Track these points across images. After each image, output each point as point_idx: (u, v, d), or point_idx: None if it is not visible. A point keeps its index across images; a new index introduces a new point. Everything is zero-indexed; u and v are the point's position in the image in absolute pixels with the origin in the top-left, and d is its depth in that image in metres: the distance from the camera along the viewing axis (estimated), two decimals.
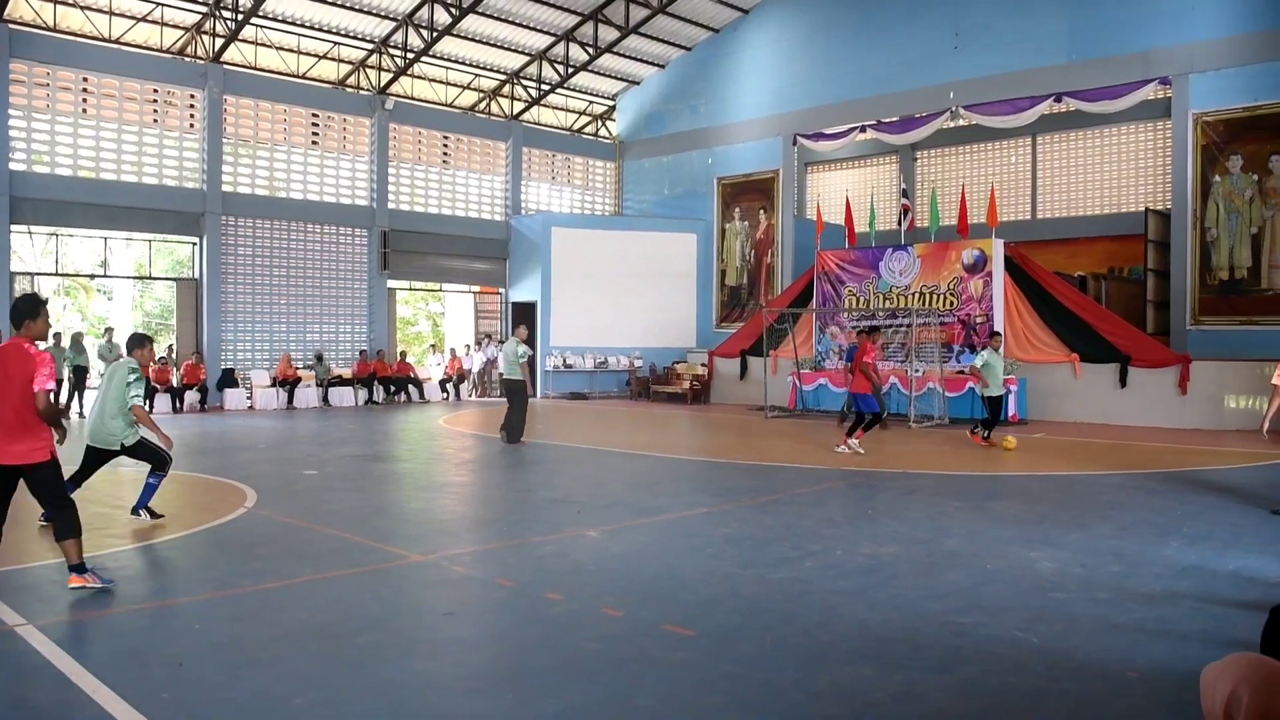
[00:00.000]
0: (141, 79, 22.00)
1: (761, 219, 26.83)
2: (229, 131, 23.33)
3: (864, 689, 4.82)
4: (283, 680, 4.88)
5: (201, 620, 6.00)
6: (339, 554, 7.79)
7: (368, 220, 25.48)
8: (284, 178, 24.51)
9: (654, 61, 28.83)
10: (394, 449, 15.72)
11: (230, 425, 18.88)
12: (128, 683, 4.79)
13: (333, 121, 25.24)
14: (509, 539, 8.38)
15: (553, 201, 30.07)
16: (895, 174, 27.67)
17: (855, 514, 9.52)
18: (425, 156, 27.15)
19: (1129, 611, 6.13)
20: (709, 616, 6.01)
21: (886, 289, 21.11)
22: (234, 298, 23.37)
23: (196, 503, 10.41)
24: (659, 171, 29.69)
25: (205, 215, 22.66)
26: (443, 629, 5.94)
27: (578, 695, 4.70)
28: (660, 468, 13.19)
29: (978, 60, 22.47)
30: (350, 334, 25.43)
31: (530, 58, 27.15)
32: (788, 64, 26.31)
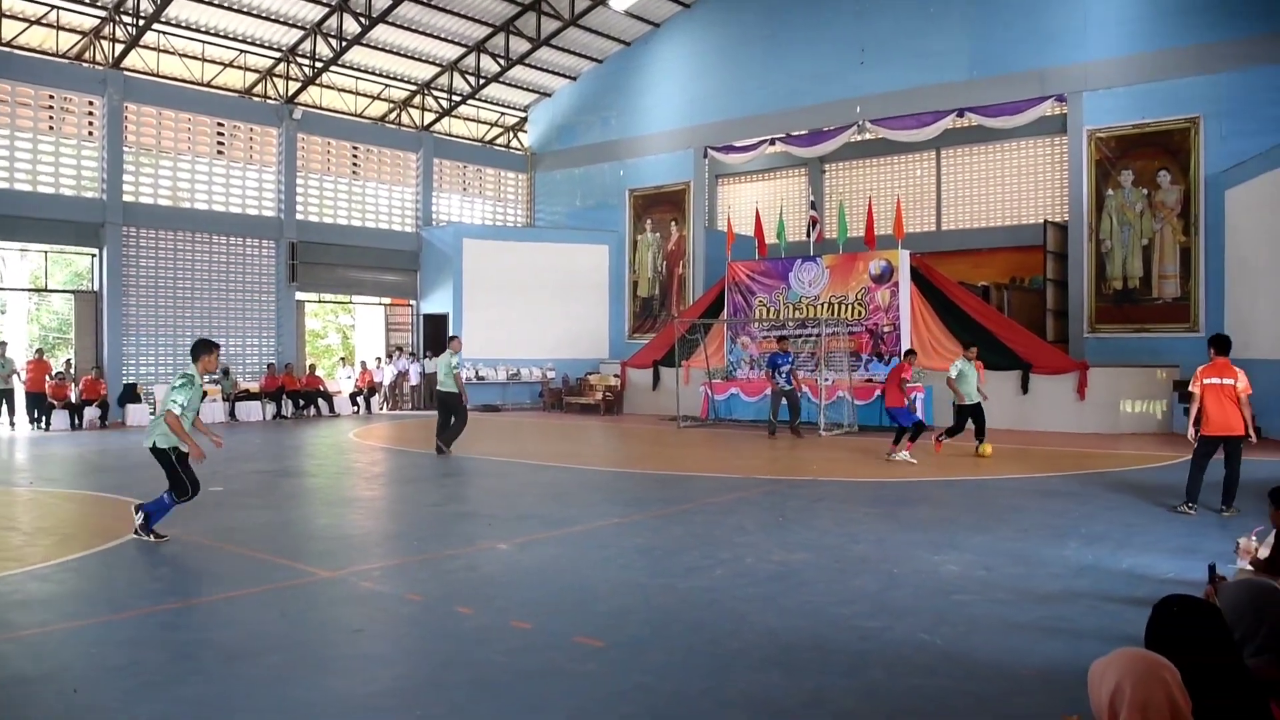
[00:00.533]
0: (36, 84, 21.29)
1: (673, 230, 27.02)
2: (130, 140, 22.71)
3: (773, 696, 4.87)
4: (183, 703, 4.76)
5: (98, 644, 5.81)
6: (244, 572, 7.63)
7: (275, 232, 25.01)
8: (188, 188, 23.92)
9: (565, 74, 28.86)
10: (303, 464, 15.44)
11: (132, 442, 18.33)
12: (18, 711, 4.63)
13: (239, 131, 24.73)
14: (419, 554, 8.30)
15: (464, 213, 29.85)
16: (804, 186, 28.05)
17: (766, 522, 9.62)
18: (334, 167, 26.75)
19: (1028, 611, 6.30)
20: (619, 627, 6.02)
21: (796, 299, 21.40)
22: (136, 311, 22.73)
23: (95, 522, 10.09)
24: (571, 183, 29.71)
25: (105, 226, 22.01)
26: (351, 646, 5.85)
27: (487, 710, 4.67)
28: (572, 479, 13.17)
29: (883, 76, 22.98)
30: (258, 347, 24.92)
31: (441, 68, 26.97)
32: (698, 77, 26.56)
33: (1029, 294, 23.81)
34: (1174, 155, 19.56)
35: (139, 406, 22.08)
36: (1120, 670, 2.48)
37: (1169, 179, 19.61)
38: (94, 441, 18.34)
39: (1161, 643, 2.78)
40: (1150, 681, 2.42)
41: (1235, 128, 18.79)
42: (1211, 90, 19.13)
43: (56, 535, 9.30)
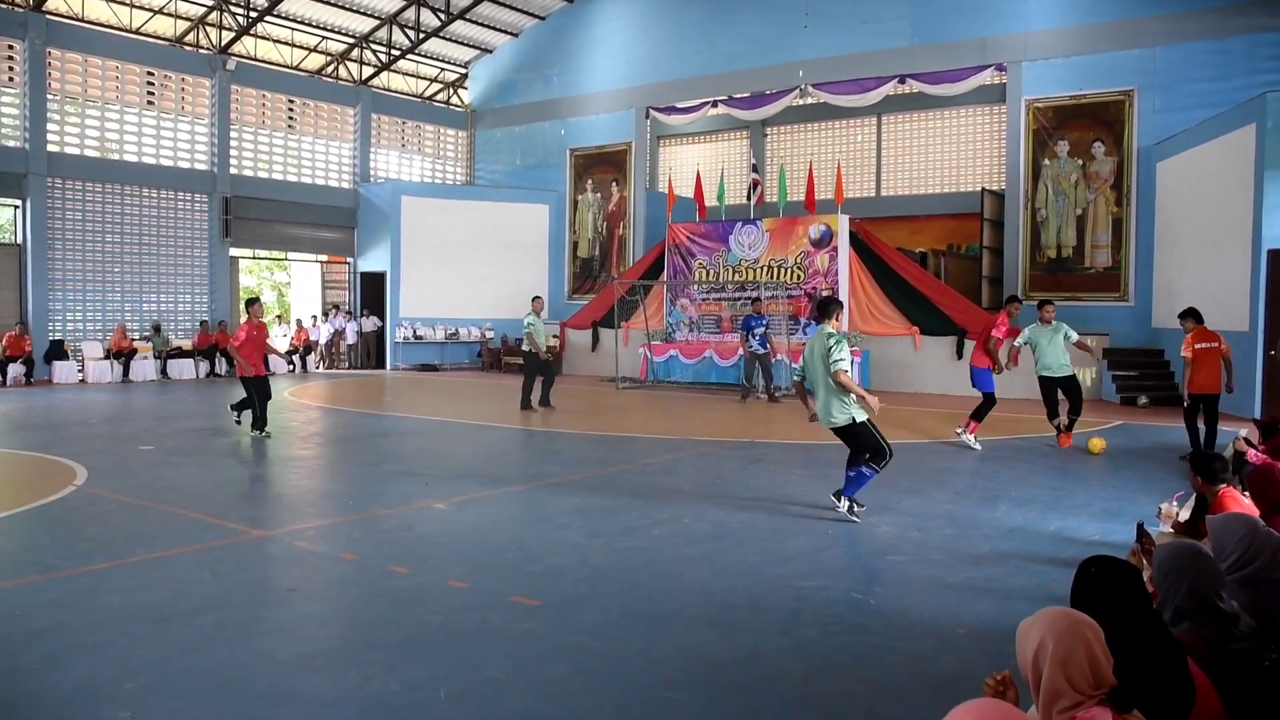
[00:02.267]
0: None
1: (614, 191, 26.87)
2: (54, 87, 21.97)
3: (708, 654, 4.92)
4: (110, 666, 4.69)
5: (22, 606, 5.69)
6: (175, 532, 7.50)
7: (208, 185, 24.43)
8: (116, 139, 23.25)
9: (507, 30, 28.45)
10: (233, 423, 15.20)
11: (60, 400, 17.93)
12: None
13: (170, 81, 24.05)
14: (354, 513, 8.23)
15: (403, 170, 29.42)
16: (746, 149, 28.07)
17: (703, 482, 9.69)
18: (269, 120, 26.16)
19: (959, 572, 6.42)
20: (555, 587, 6.03)
21: (736, 262, 21.44)
22: (63, 265, 22.11)
23: (20, 481, 9.86)
24: (511, 141, 29.39)
25: (29, 176, 21.32)
26: (284, 606, 5.80)
27: (423, 669, 4.66)
28: (510, 439, 13.14)
29: (826, 40, 22.95)
30: (190, 304, 24.40)
31: (380, 21, 26.44)
32: (641, 37, 26.34)
33: (965, 261, 24.11)
34: (1109, 127, 19.85)
35: (67, 364, 21.55)
36: (1044, 628, 2.55)
37: (1103, 150, 19.90)
38: (19, 399, 17.89)
39: (1084, 603, 2.88)
40: (1071, 638, 2.49)
41: (1168, 101, 19.09)
42: (1146, 64, 19.40)
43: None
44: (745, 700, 4.38)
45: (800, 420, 15.32)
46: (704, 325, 21.88)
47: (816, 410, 8.20)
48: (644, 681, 4.57)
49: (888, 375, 19.70)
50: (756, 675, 4.66)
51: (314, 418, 15.69)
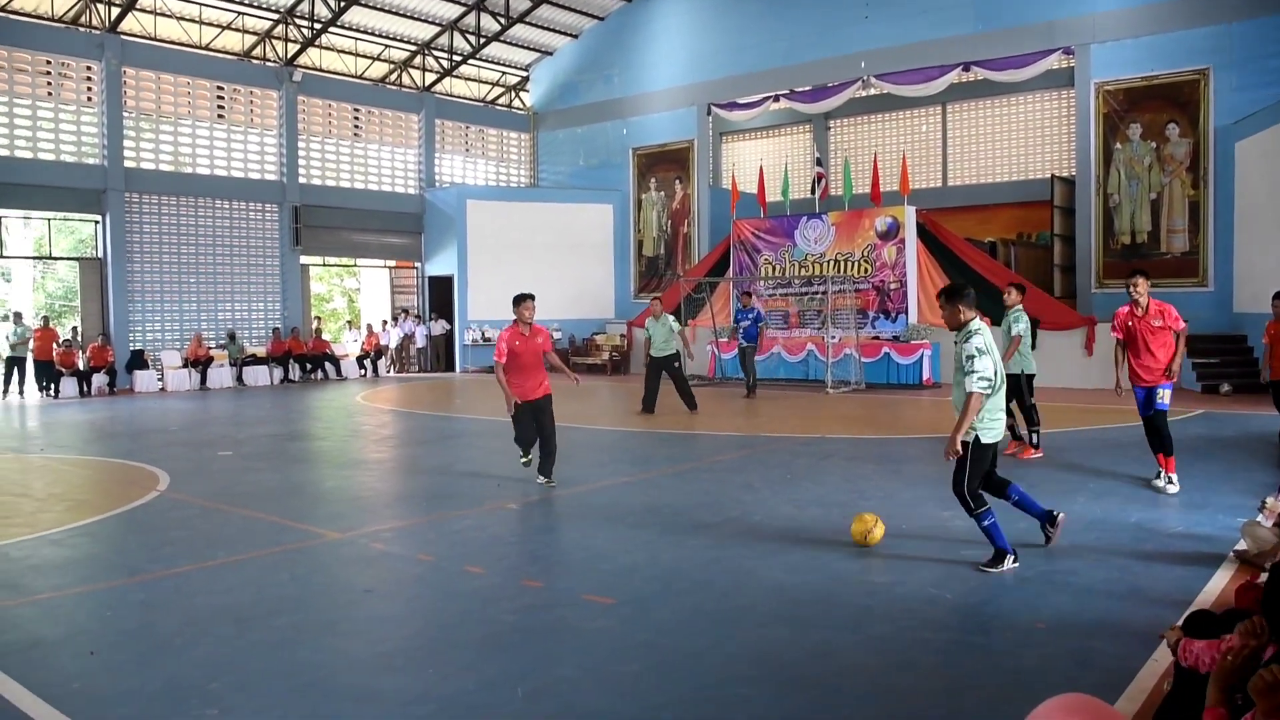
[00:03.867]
0: (33, 49, 21.15)
1: (677, 189, 26.86)
2: (130, 105, 22.58)
3: (779, 650, 4.90)
4: (196, 666, 4.81)
5: (112, 607, 5.87)
6: (254, 535, 7.68)
7: (278, 195, 24.93)
8: (189, 153, 23.82)
9: (567, 31, 28.58)
10: (311, 427, 15.49)
11: (141, 408, 18.42)
12: (35, 674, 4.68)
13: (239, 94, 24.58)
14: (428, 514, 8.33)
15: (467, 174, 29.72)
16: (809, 143, 27.87)
17: (774, 479, 9.64)
18: (336, 129, 26.60)
19: (1036, 565, 6.32)
20: (628, 585, 6.05)
21: (802, 257, 21.32)
22: (141, 277, 22.72)
23: (107, 487, 10.16)
24: (574, 142, 29.52)
25: (108, 192, 21.95)
26: (361, 607, 5.90)
27: (498, 668, 4.71)
28: (580, 439, 13.20)
29: (888, 30, 22.69)
30: (264, 312, 24.92)
31: (441, 28, 26.72)
32: (701, 33, 26.29)
33: (1036, 249, 23.68)
34: (1183, 108, 19.35)
35: (147, 373, 22.15)
36: (1066, 709, 2.46)
37: (1178, 132, 19.41)
38: (103, 408, 18.41)
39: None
40: None
41: (1245, 79, 18.55)
42: (1222, 41, 18.87)
43: (69, 501, 9.36)
44: (818, 696, 4.36)
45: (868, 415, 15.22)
46: (771, 321, 21.78)
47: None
48: (716, 678, 4.57)
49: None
50: (829, 671, 4.64)
51: (386, 421, 15.92)
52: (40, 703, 4.32)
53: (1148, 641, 4.80)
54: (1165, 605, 5.45)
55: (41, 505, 9.10)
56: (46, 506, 9.02)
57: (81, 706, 4.28)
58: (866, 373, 19.38)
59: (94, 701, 4.38)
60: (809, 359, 20.22)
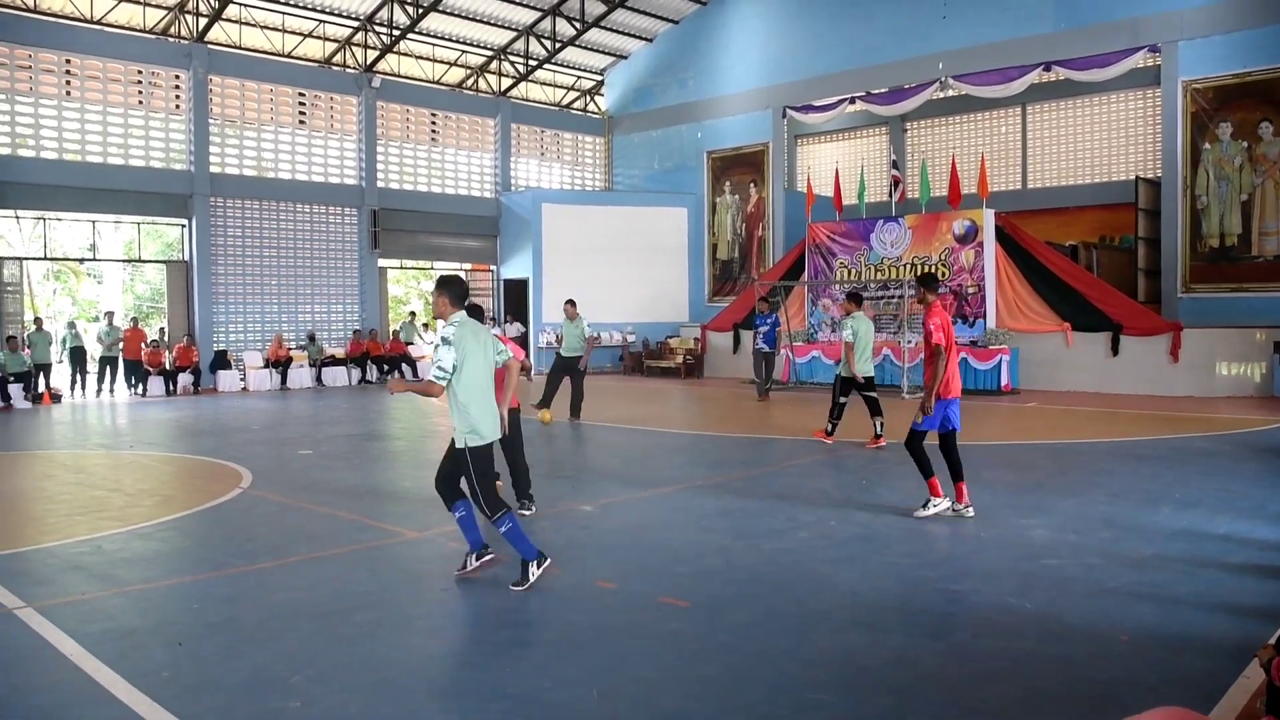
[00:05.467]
0: (125, 60, 21.81)
1: (752, 192, 26.78)
2: (215, 112, 23.17)
3: (857, 656, 4.86)
4: (279, 658, 4.91)
5: (199, 600, 6.03)
6: (334, 532, 7.82)
7: (357, 199, 25.38)
8: (272, 158, 24.37)
9: (641, 35, 28.68)
10: (388, 427, 15.72)
11: (224, 407, 18.86)
12: (128, 663, 4.82)
13: (319, 100, 25.08)
14: None
15: (542, 178, 29.96)
16: (885, 145, 27.60)
17: (849, 484, 9.57)
18: (414, 134, 27.01)
19: (1120, 576, 6.18)
20: (703, 588, 6.05)
21: (878, 260, 21.11)
22: (225, 279, 23.29)
23: (193, 484, 10.42)
24: (648, 146, 29.59)
25: (194, 197, 22.55)
26: (438, 605, 5.97)
27: (573, 668, 4.74)
28: (654, 442, 13.22)
29: (966, 30, 22.37)
30: (343, 314, 25.38)
31: (517, 33, 26.97)
32: (776, 36, 26.18)
33: (1119, 253, 23.15)
34: (1277, 105, 18.77)
35: (230, 373, 22.68)
36: None
37: (1271, 131, 18.82)
38: (188, 407, 18.88)
39: None
40: None
41: None
42: None
43: (157, 496, 9.62)
44: (895, 703, 4.31)
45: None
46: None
47: None
48: (792, 682, 4.55)
49: (1037, 374, 19.08)
50: (907, 678, 4.59)
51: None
52: (133, 690, 4.46)
53: (1238, 657, 4.66)
54: (1257, 620, 5.30)
55: (132, 500, 9.37)
56: (136, 502, 9.28)
57: (171, 695, 4.40)
58: None
59: (183, 690, 4.50)
60: (885, 364, 19.96)
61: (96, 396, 21.06)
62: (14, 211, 20.87)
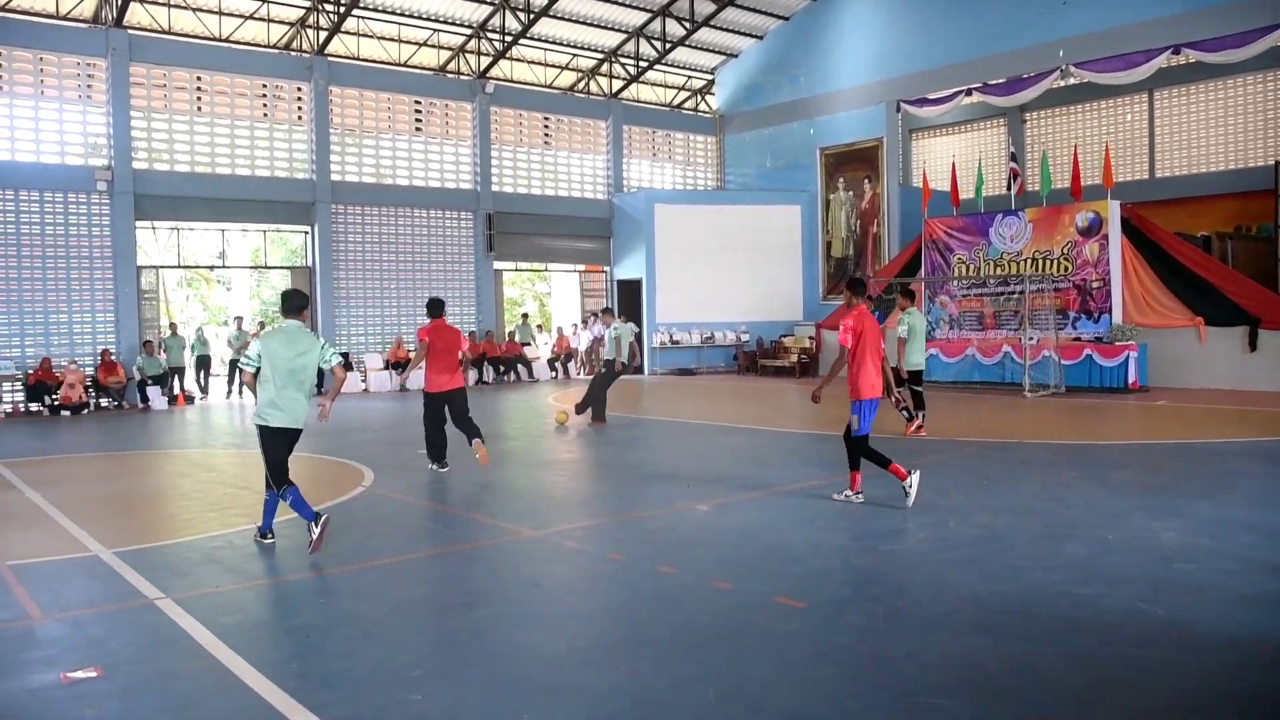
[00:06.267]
0: (251, 75, 22.66)
1: (866, 188, 26.39)
2: (335, 122, 23.88)
3: (978, 660, 4.74)
4: (400, 652, 5.03)
5: (324, 594, 6.22)
6: (452, 530, 7.98)
7: (472, 203, 25.85)
8: (390, 164, 25.01)
9: (752, 33, 28.53)
10: (504, 428, 15.96)
11: (346, 407, 19.38)
12: (258, 653, 5.00)
13: (435, 107, 25.63)
14: (619, 514, 8.45)
15: (654, 178, 30.07)
16: (1003, 137, 26.93)
17: (968, 485, 9.35)
18: (527, 138, 27.39)
19: (1260, 583, 5.90)
20: (819, 588, 5.98)
21: (997, 255, 20.60)
22: (346, 284, 23.98)
23: (318, 482, 10.74)
24: (760, 144, 29.42)
25: (316, 204, 23.28)
26: (555, 603, 6.04)
27: (689, 667, 4.73)
28: (768, 442, 13.14)
29: (1088, 15, 21.59)
30: (459, 316, 25.87)
31: (627, 35, 27.11)
32: (889, 29, 25.74)
33: (1257, 243, 22.10)
34: None
35: (351, 375, 23.31)
36: None
37: None
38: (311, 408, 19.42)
39: None
40: None
41: None
42: None
43: None
44: (1018, 711, 4.19)
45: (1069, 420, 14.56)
46: (965, 322, 21.13)
47: None
48: (911, 686, 4.46)
49: (1168, 371, 18.36)
50: (1030, 685, 4.46)
51: (577, 422, 16.23)
52: (264, 680, 4.62)
53: None
54: None
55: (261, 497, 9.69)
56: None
57: (299, 686, 4.54)
58: (1067, 375, 18.52)
59: (309, 680, 4.64)
60: (1005, 361, 19.48)
61: (226, 398, 21.90)
62: (150, 222, 21.85)
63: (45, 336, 19.96)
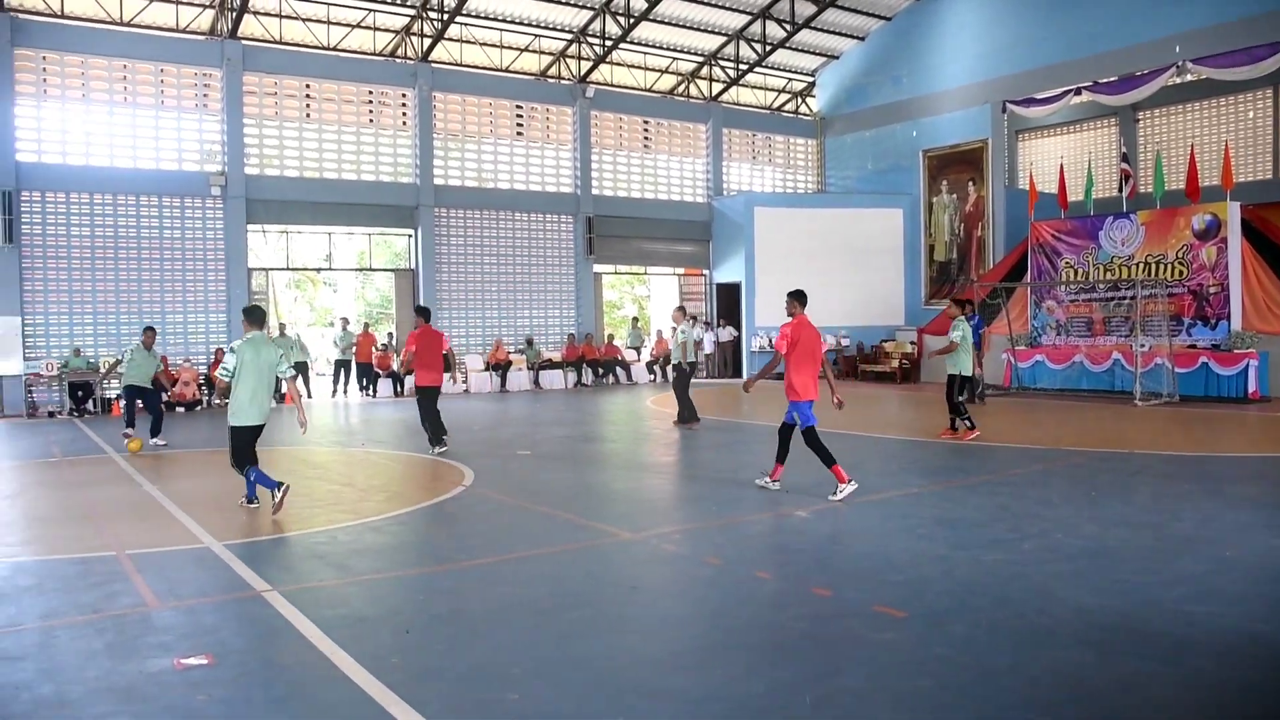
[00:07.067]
0: (357, 82, 23.25)
1: (970, 191, 25.88)
2: (438, 127, 24.33)
3: (1084, 677, 4.60)
4: (499, 651, 5.08)
5: (424, 592, 6.31)
6: (551, 531, 8.03)
7: (572, 207, 26.07)
8: (491, 169, 25.38)
9: (853, 34, 28.22)
10: (603, 430, 16.05)
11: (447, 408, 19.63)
12: (360, 647, 5.09)
13: (536, 112, 25.92)
14: (717, 518, 8.42)
15: (754, 181, 29.95)
16: (1114, 137, 26.17)
17: (1075, 496, 9.09)
18: (626, 142, 27.53)
19: None
20: (919, 598, 5.87)
21: (1107, 259, 20.01)
22: (448, 286, 24.41)
23: (419, 481, 10.94)
24: (861, 146, 29.08)
25: (419, 208, 23.75)
26: (652, 606, 6.04)
27: (785, 673, 4.69)
28: (868, 448, 12.96)
29: (1205, 8, 20.81)
30: (559, 318, 26.12)
31: (727, 38, 27.05)
32: (993, 28, 25.19)
33: None
34: None
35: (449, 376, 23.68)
36: None
37: None
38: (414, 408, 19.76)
39: None
40: None
41: None
42: None
43: (387, 492, 10.16)
44: None
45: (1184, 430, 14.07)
46: (1073, 328, 20.58)
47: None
48: (1013, 700, 4.35)
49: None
50: (1139, 704, 4.31)
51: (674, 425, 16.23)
52: (365, 672, 4.71)
53: None
54: None
55: (363, 495, 9.92)
56: (367, 496, 9.82)
57: (400, 680, 4.62)
58: (1181, 384, 17.87)
59: (410, 676, 4.72)
60: (1115, 369, 18.91)
61: (331, 397, 22.45)
62: (261, 226, 22.54)
63: (162, 335, 20.70)
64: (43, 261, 19.88)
